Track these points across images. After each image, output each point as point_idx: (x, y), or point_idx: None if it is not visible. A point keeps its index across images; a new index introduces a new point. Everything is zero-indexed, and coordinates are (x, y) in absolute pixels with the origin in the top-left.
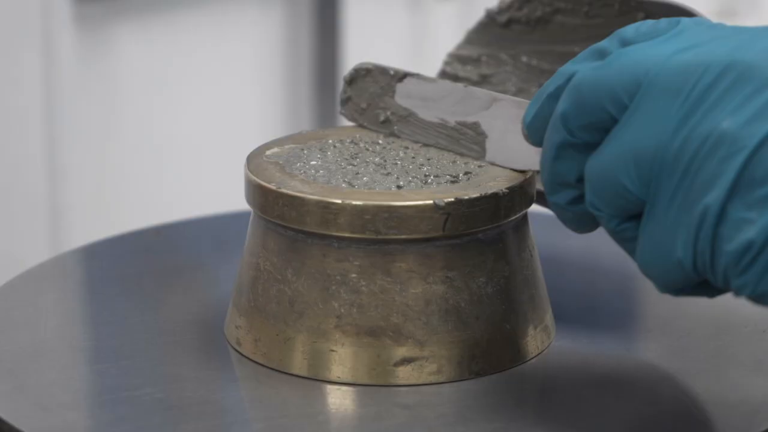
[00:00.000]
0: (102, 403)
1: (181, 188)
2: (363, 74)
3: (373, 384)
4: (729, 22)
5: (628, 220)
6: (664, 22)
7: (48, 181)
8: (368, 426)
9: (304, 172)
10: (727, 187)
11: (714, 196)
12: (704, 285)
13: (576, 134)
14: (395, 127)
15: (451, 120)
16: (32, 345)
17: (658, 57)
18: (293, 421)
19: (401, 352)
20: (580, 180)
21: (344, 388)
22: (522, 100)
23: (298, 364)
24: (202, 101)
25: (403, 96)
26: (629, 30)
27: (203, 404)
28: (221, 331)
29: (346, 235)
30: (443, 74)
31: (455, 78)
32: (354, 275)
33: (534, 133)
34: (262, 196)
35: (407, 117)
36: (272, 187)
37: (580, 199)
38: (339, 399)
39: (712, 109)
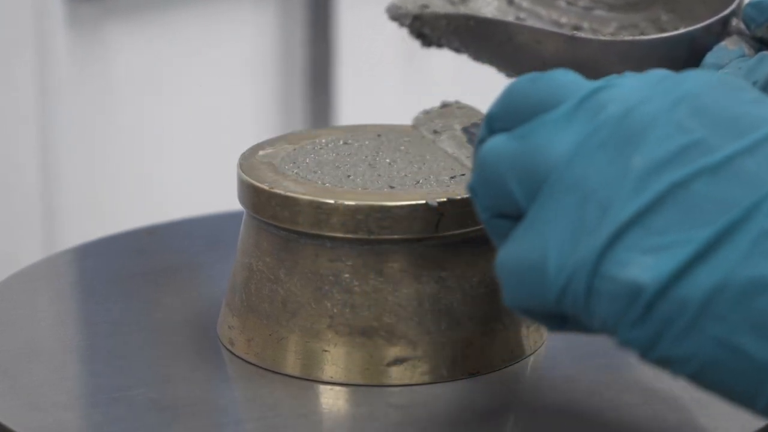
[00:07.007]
0: (95, 403)
1: (174, 188)
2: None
3: (366, 384)
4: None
5: (502, 217)
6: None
7: (41, 181)
8: (361, 426)
9: (297, 172)
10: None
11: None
12: (559, 317)
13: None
14: None
15: None
16: (26, 345)
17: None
18: (286, 420)
19: (394, 352)
20: None
21: (337, 388)
22: None
23: (291, 364)
24: (195, 101)
25: None
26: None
27: (196, 404)
28: (214, 331)
29: (339, 235)
30: None
31: None
32: (347, 275)
33: None
34: (254, 196)
35: None
36: (265, 187)
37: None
38: (332, 399)
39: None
